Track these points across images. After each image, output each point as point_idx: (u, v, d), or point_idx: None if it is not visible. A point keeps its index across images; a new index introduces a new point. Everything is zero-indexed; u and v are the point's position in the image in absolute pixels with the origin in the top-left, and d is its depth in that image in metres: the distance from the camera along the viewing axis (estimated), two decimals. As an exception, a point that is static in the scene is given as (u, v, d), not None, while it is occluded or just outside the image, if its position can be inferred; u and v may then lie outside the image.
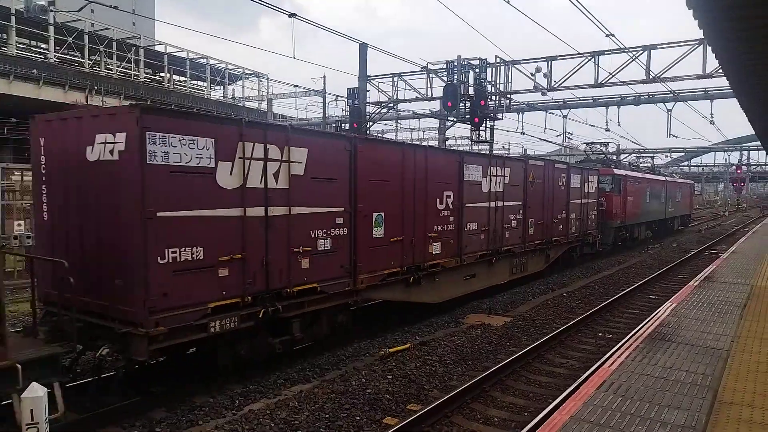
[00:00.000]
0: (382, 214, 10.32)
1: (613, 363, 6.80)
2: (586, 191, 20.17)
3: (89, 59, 28.62)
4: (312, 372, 8.73)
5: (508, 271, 15.20)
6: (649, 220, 29.36)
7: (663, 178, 33.77)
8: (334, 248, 9.23)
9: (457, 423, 7.05)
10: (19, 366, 5.50)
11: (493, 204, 14.01)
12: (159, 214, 6.61)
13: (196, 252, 7.03)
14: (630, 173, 27.07)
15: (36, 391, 4.87)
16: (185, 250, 6.90)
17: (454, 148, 29.81)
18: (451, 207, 12.36)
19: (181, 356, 7.96)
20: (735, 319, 9.05)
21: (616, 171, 25.36)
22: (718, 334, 8.11)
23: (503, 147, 52.31)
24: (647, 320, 9.17)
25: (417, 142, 27.45)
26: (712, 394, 5.78)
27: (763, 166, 63.70)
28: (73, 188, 7.19)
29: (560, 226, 18.03)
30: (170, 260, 6.72)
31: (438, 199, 11.93)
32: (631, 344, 7.64)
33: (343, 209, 9.38)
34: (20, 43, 27.92)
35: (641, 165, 38.19)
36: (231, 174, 7.43)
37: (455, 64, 20.70)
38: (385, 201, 10.39)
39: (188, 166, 6.92)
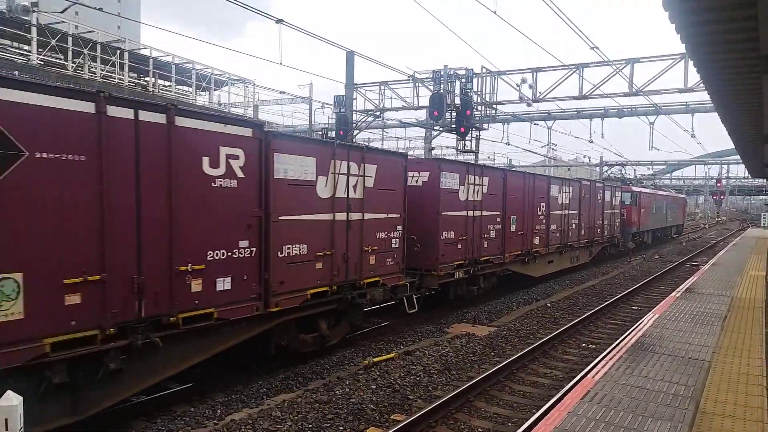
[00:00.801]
0: (515, 216, 16.31)
1: (596, 373, 6.82)
2: (613, 204, 26.40)
3: (73, 62, 28.29)
4: (295, 381, 8.64)
5: (569, 260, 21.26)
6: (655, 228, 35.95)
7: (664, 194, 40.71)
8: (495, 236, 15.27)
9: (441, 433, 7.01)
10: (408, 284, 11.52)
11: (564, 212, 20.16)
12: (442, 213, 12.83)
13: (451, 234, 13.22)
14: (643, 190, 33.29)
15: (11, 399, 4.71)
16: (448, 233, 13.10)
17: (461, 160, 29.93)
18: (544, 214, 18.42)
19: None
20: (716, 330, 9.16)
21: (634, 188, 31.54)
22: (699, 345, 8.19)
23: (488, 157, 52.56)
24: (630, 331, 9.24)
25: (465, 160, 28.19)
26: (695, 405, 5.82)
27: (742, 180, 64.81)
28: None
29: (599, 230, 24.07)
30: (444, 238, 12.93)
31: (538, 208, 17.95)
32: (615, 355, 7.68)
33: (499, 213, 15.43)
34: (1, 44, 27.48)
35: (625, 178, 40.87)
36: (462, 192, 13.64)
37: (442, 73, 20.81)
38: (515, 208, 16.35)
39: (450, 188, 13.18)
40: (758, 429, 5.27)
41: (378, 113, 25.90)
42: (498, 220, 15.29)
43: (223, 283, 7.38)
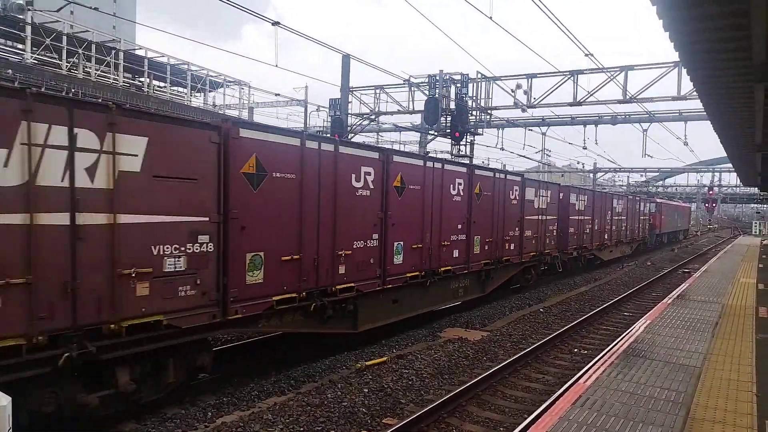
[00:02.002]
0: (597, 219, 24.31)
1: (588, 379, 6.84)
2: (645, 212, 35.90)
3: (67, 61, 28.15)
4: (287, 384, 8.61)
5: (620, 252, 29.67)
6: (669, 231, 45.55)
7: (675, 203, 51.67)
8: (589, 232, 23.25)
9: (432, 437, 6.99)
10: (558, 255, 20.12)
11: (619, 218, 28.80)
12: (570, 217, 21.16)
13: (572, 229, 21.54)
14: (663, 201, 44.26)
15: (-1, 400, 4.67)
16: (571, 228, 21.46)
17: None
18: (610, 219, 26.70)
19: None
20: (707, 337, 9.20)
21: (657, 200, 42.10)
22: (690, 352, 8.22)
23: (483, 162, 52.60)
24: (622, 337, 9.26)
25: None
26: (685, 411, 5.84)
27: (734, 188, 65.22)
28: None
29: (636, 230, 33.19)
30: (570, 231, 21.38)
31: (606, 215, 26.04)
32: (607, 360, 7.70)
33: (590, 217, 23.33)
34: (-5, 43, 27.29)
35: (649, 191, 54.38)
36: (577, 205, 21.89)
37: (437, 78, 20.88)
38: (597, 214, 24.39)
39: (573, 203, 21.51)
40: (748, 435, 5.29)
41: (373, 117, 25.94)
42: (590, 221, 23.45)
43: (511, 246, 15.89)
